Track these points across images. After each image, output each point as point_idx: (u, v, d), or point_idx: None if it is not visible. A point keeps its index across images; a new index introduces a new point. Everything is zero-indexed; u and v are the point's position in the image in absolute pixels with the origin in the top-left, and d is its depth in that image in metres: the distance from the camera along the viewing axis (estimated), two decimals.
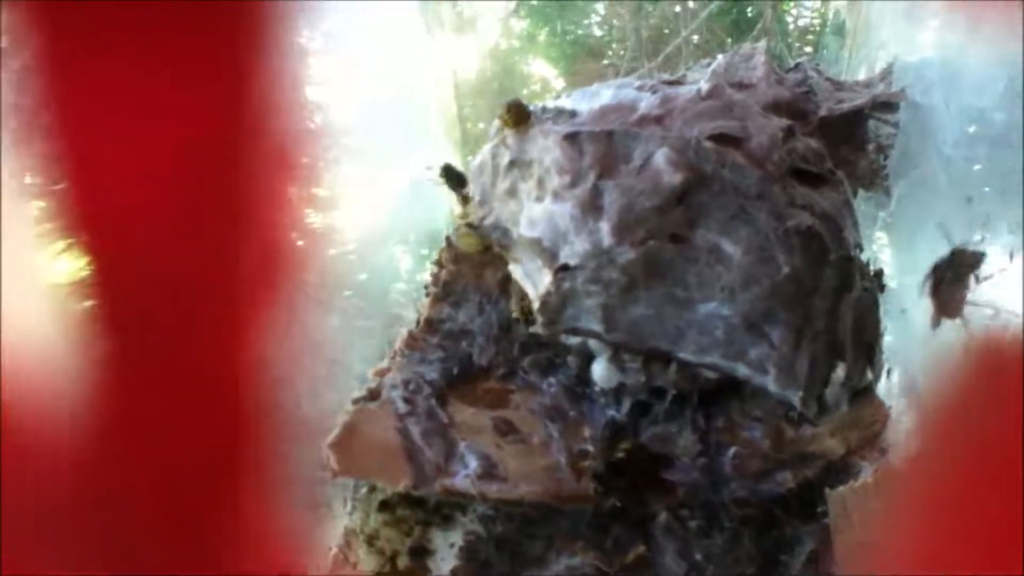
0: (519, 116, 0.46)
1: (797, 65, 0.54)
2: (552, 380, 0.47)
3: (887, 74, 0.53)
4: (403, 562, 0.45)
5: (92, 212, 0.23)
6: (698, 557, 0.43)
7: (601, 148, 0.43)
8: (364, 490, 0.46)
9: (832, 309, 0.43)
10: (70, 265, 0.22)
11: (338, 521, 0.46)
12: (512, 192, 0.46)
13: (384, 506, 0.45)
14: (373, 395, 0.46)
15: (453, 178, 0.51)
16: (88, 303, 0.22)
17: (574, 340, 0.45)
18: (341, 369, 0.51)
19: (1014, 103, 0.41)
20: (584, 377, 0.46)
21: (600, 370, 0.45)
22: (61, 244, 0.23)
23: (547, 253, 0.44)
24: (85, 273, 0.22)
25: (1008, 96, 0.42)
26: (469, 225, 0.48)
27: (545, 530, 0.44)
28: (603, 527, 0.44)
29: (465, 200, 0.50)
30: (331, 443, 0.44)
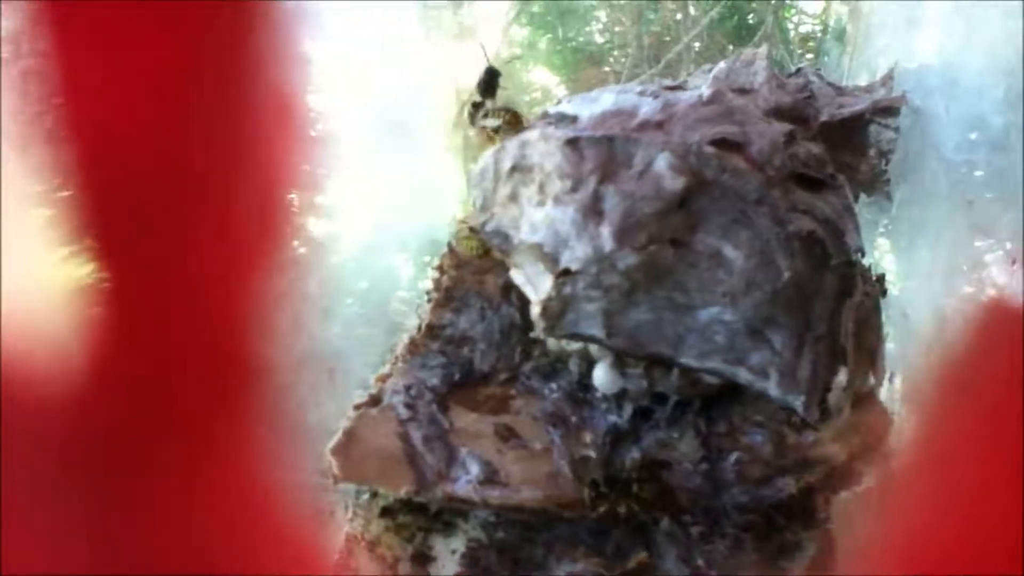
0: (510, 119, 0.46)
1: (798, 70, 0.54)
2: (553, 386, 0.47)
3: (888, 79, 0.53)
4: (404, 568, 0.45)
5: (99, 218, 0.23)
6: (700, 563, 0.43)
7: (602, 153, 0.44)
8: (365, 496, 0.46)
9: (834, 314, 0.43)
10: (76, 271, 0.22)
11: (340, 528, 0.46)
12: (513, 197, 0.46)
13: (385, 512, 0.45)
14: (374, 401, 0.46)
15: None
16: (93, 305, 0.22)
17: (575, 345, 0.45)
18: (343, 376, 0.51)
19: (1013, 108, 0.41)
20: (586, 383, 0.46)
21: (602, 375, 0.45)
22: (66, 250, 0.23)
23: (548, 258, 0.44)
24: (91, 278, 0.22)
25: (1007, 101, 0.42)
26: (471, 229, 0.48)
27: (546, 536, 0.44)
28: (604, 533, 0.43)
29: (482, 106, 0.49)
30: (332, 449, 0.44)
